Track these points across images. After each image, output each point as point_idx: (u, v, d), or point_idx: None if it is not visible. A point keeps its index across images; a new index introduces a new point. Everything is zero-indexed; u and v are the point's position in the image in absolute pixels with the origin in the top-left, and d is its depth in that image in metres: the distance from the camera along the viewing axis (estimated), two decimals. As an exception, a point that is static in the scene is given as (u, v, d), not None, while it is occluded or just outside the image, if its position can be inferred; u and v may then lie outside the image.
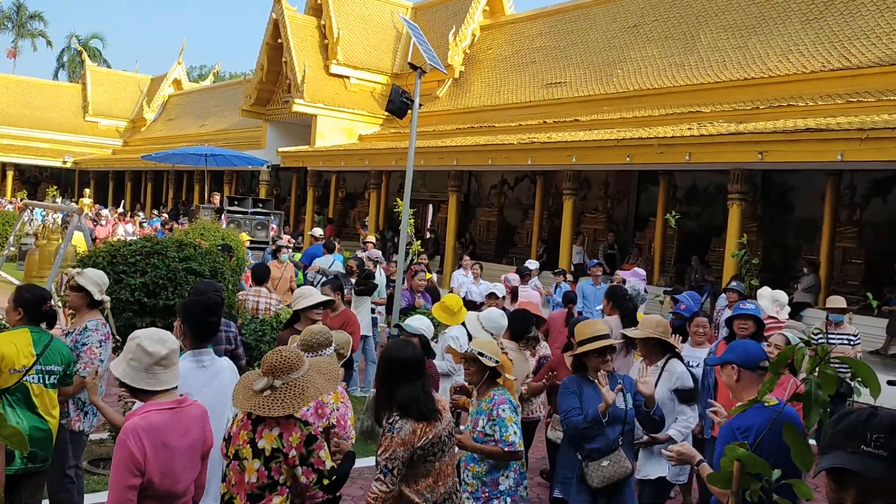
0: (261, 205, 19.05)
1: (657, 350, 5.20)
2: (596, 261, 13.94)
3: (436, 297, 10.15)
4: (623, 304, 7.35)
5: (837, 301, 8.67)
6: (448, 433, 3.75)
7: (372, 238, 15.60)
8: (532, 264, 13.07)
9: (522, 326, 5.97)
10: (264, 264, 10.28)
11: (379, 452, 3.57)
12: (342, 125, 27.02)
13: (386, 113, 12.82)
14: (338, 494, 3.67)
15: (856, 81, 14.66)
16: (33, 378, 4.38)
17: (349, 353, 4.76)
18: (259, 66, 28.98)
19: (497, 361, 4.46)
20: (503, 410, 4.32)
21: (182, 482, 3.24)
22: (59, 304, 8.03)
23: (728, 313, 9.59)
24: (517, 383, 5.61)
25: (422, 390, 3.66)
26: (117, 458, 3.08)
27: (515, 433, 4.30)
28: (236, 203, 18.44)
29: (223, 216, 17.18)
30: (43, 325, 4.61)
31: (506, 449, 4.26)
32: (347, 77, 27.87)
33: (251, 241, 15.92)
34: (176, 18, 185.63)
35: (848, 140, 11.66)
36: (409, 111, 10.28)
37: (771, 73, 16.39)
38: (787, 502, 2.07)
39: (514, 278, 10.55)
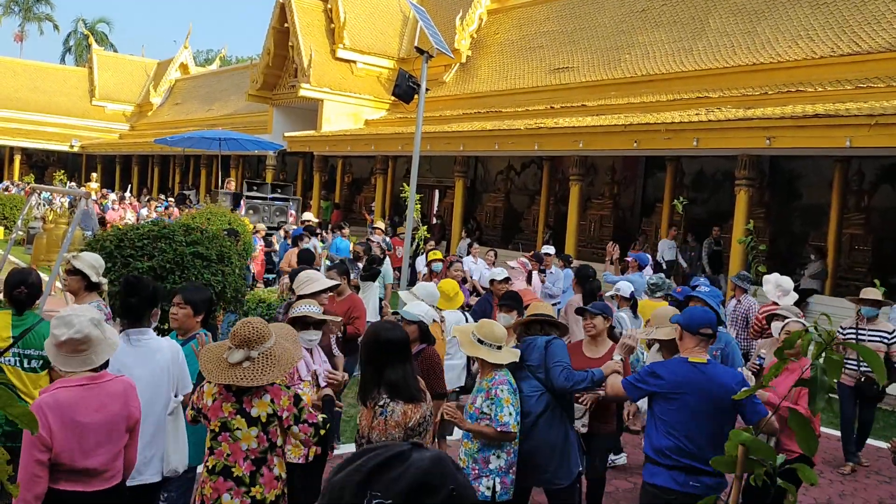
0: (279, 190, 18.88)
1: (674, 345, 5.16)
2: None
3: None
4: (585, 285, 7.75)
5: (871, 293, 7.72)
6: (430, 412, 3.82)
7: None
8: (547, 249, 12.99)
9: (518, 307, 6.06)
10: (309, 249, 10.42)
11: (373, 437, 3.59)
12: (348, 110, 26.97)
13: (392, 98, 12.84)
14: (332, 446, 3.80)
15: (865, 67, 14.56)
16: (10, 360, 4.39)
17: None
18: (265, 50, 28.92)
19: (499, 347, 4.50)
20: (501, 391, 4.37)
21: (96, 458, 3.29)
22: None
23: (734, 302, 9.60)
24: None
25: (411, 373, 3.73)
26: (25, 436, 3.17)
27: (510, 414, 4.34)
28: (255, 189, 18.30)
29: (242, 202, 17.11)
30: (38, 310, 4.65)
31: (498, 429, 4.31)
32: (354, 62, 27.79)
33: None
34: (182, 2, 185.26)
35: (857, 126, 11.58)
36: (416, 96, 10.27)
37: (780, 59, 16.28)
38: (791, 487, 2.07)
39: (526, 262, 10.62)
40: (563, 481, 4.68)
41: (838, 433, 7.86)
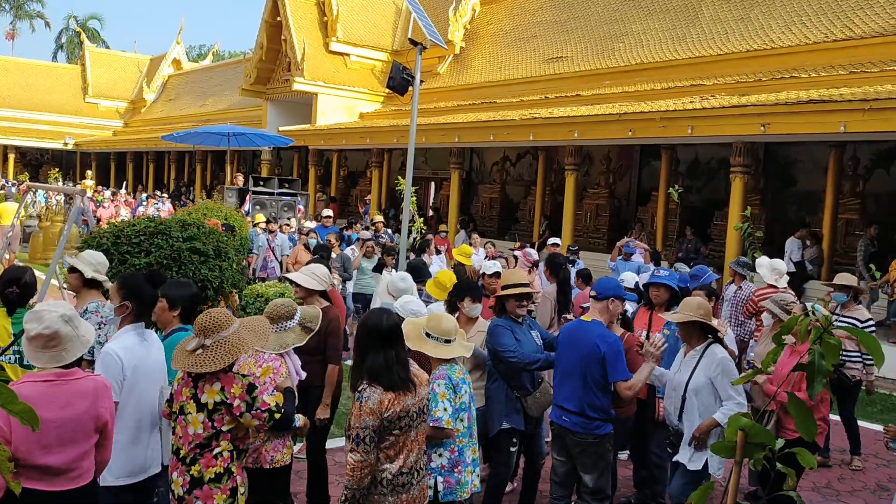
0: (287, 185, 18.51)
1: (697, 334, 4.99)
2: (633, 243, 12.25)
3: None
4: (558, 273, 7.75)
5: (845, 278, 7.45)
6: (418, 409, 3.75)
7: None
8: (554, 240, 12.93)
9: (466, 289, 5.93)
10: (325, 245, 10.37)
11: (351, 422, 3.60)
12: (343, 103, 26.92)
13: (387, 90, 12.80)
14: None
15: (859, 52, 14.55)
16: (10, 358, 4.38)
17: (316, 327, 4.96)
18: (258, 44, 28.82)
19: (447, 341, 4.46)
20: (438, 385, 4.32)
21: (58, 455, 3.20)
22: (65, 285, 8.05)
23: (733, 288, 9.61)
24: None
25: (395, 360, 3.67)
26: None
27: (445, 409, 4.28)
28: (261, 183, 17.97)
29: (248, 197, 16.92)
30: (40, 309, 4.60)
31: (431, 424, 4.21)
32: (347, 55, 27.71)
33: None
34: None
35: (851, 111, 11.59)
36: (410, 88, 10.24)
37: (773, 45, 16.27)
38: (791, 471, 2.08)
39: (533, 253, 10.61)
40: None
41: (838, 417, 7.86)
